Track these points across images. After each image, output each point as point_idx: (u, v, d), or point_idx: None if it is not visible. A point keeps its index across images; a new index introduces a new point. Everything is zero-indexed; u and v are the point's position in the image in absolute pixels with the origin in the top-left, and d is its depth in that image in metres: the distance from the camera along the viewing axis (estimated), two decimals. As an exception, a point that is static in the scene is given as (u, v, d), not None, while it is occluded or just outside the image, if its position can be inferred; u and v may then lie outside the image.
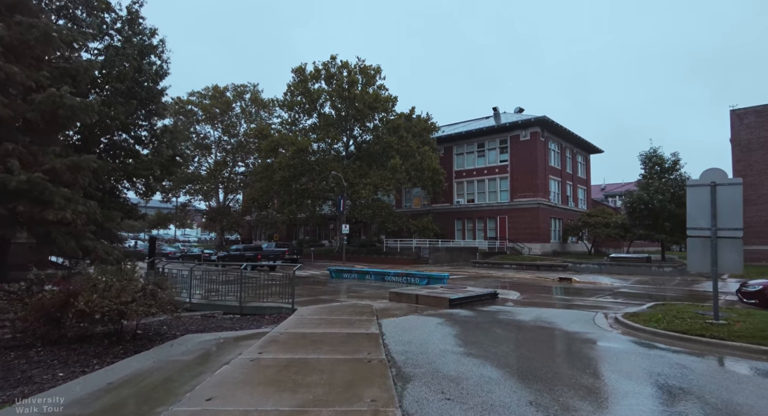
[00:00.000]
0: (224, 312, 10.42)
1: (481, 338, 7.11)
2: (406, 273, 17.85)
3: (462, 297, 10.98)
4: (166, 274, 12.76)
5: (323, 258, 37.34)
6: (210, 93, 51.31)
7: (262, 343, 6.48)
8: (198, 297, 11.38)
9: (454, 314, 9.70)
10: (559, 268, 26.20)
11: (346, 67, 37.36)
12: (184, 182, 50.19)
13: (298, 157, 35.68)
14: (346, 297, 12.92)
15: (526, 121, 40.88)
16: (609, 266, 24.45)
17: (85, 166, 10.81)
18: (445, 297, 10.72)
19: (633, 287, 18.01)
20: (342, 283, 18.25)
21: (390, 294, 11.95)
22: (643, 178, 32.14)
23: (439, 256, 33.15)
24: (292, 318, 8.85)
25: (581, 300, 13.33)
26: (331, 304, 11.01)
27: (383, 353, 5.89)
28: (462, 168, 45.40)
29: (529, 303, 12.23)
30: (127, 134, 16.72)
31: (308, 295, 13.29)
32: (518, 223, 40.93)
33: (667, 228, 29.29)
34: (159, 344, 6.93)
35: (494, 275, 23.77)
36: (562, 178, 45.40)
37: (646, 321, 8.03)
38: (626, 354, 6.18)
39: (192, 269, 11.53)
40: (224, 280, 12.60)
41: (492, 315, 9.62)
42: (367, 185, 33.83)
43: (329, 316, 9.02)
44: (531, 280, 21.39)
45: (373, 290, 15.32)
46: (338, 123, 38.11)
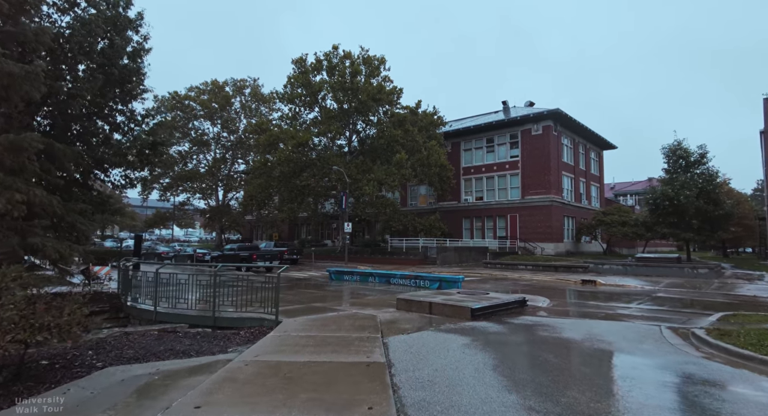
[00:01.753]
0: (191, 324, 8.45)
1: (533, 373, 5.06)
2: (414, 275, 15.79)
3: (486, 306, 8.95)
4: (140, 278, 10.75)
5: (325, 259, 35.35)
6: (209, 88, 49.49)
7: (211, 385, 4.48)
8: (165, 306, 9.37)
9: (480, 329, 7.69)
10: (580, 269, 24.08)
11: (348, 58, 35.34)
12: (182, 180, 48.41)
13: (298, 151, 33.71)
14: (346, 305, 10.89)
15: (538, 114, 38.72)
16: (634, 267, 22.31)
17: (27, 146, 8.86)
18: (466, 307, 8.70)
19: (670, 291, 15.88)
20: (342, 287, 16.23)
21: (398, 302, 9.94)
22: (666, 172, 29.97)
23: (448, 256, 31.09)
24: (272, 335, 6.86)
25: (623, 309, 11.27)
26: (325, 315, 9.01)
27: (393, 406, 3.86)
28: (470, 164, 43.28)
29: (565, 313, 10.19)
30: (102, 120, 14.82)
31: (300, 302, 11.29)
32: (530, 222, 38.77)
33: (695, 227, 27.10)
34: (47, 389, 4.73)
35: (510, 277, 21.71)
36: (575, 175, 43.20)
37: (754, 346, 5.91)
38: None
39: (158, 271, 9.50)
40: (206, 283, 10.58)
41: (530, 332, 7.59)
42: (370, 181, 31.78)
43: (320, 333, 7.03)
44: (552, 283, 19.32)
45: (377, 295, 13.29)
46: (341, 116, 36.04)
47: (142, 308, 9.75)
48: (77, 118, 14.04)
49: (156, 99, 48.12)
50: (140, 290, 10.15)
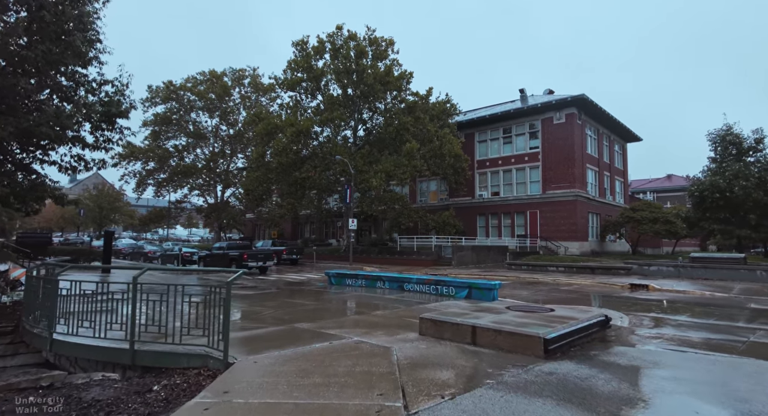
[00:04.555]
0: (101, 361, 5.29)
1: None
2: (435, 279, 12.46)
3: (563, 333, 5.70)
4: (49, 288, 7.51)
5: (328, 259, 32.20)
6: (206, 78, 46.55)
7: None
8: (63, 332, 6.07)
9: (573, 380, 4.48)
10: (621, 271, 20.75)
11: (353, 39, 32.11)
12: (179, 175, 45.49)
13: (297, 141, 30.53)
14: (345, 326, 7.65)
15: (561, 100, 35.27)
16: (689, 269, 18.90)
17: None
18: (534, 335, 5.46)
19: (762, 301, 12.48)
20: (344, 294, 13.00)
21: (422, 322, 6.71)
22: (713, 161, 26.54)
23: (464, 257, 27.80)
24: (200, 405, 3.67)
25: (745, 331, 7.98)
26: (311, 347, 5.78)
27: None
28: (485, 157, 39.91)
29: (672, 340, 6.92)
30: (29, 77, 11.66)
31: (280, 320, 8.06)
32: (552, 219, 35.35)
33: (752, 222, 23.60)
34: None
35: (542, 280, 18.40)
36: (600, 168, 39.69)
37: None
38: None
39: (54, 277, 6.30)
40: (151, 289, 7.37)
41: (651, 382, 4.36)
42: (378, 173, 28.52)
43: (291, 396, 3.84)
44: (597, 288, 16.00)
45: (388, 308, 10.03)
46: (345, 103, 32.79)
47: (36, 332, 6.62)
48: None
49: (150, 90, 45.47)
50: (43, 307, 6.93)
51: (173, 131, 47.26)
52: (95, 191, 70.51)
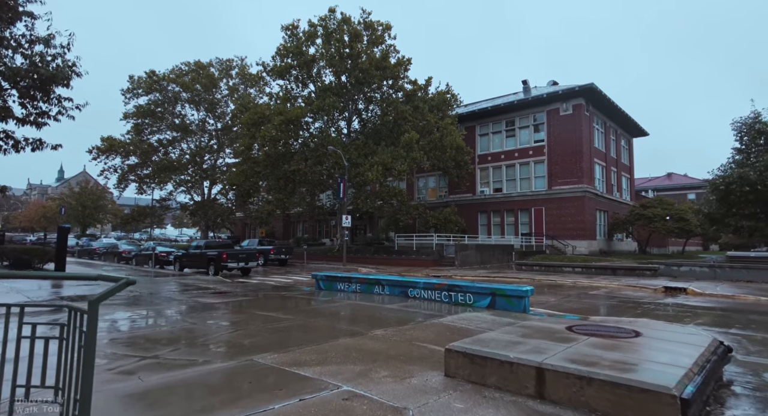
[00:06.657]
0: None
1: None
2: (447, 284, 9.96)
3: (701, 382, 3.34)
4: None
5: (320, 259, 29.75)
6: (192, 69, 43.87)
7: None
8: None
9: None
10: (647, 272, 18.55)
11: (347, 23, 29.67)
12: (163, 171, 42.81)
13: (286, 130, 28.04)
14: (330, 359, 5.02)
15: (568, 90, 33.08)
16: (728, 270, 16.69)
17: None
18: (659, 391, 3.09)
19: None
20: (333, 304, 10.54)
21: (449, 358, 4.30)
22: (738, 152, 24.34)
23: (468, 256, 25.47)
24: None
25: None
26: (264, 413, 3.39)
27: None
28: (487, 151, 37.63)
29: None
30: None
31: (232, 351, 5.44)
32: (558, 216, 33.15)
33: (787, 219, 21.50)
34: None
35: (560, 283, 16.11)
36: (607, 163, 37.59)
37: None
38: None
39: None
40: None
41: None
42: (374, 165, 26.09)
43: None
44: (629, 292, 13.73)
45: (392, 325, 7.49)
46: (339, 92, 30.33)
47: None
48: None
49: (131, 80, 42.76)
50: None
51: (157, 124, 44.58)
52: (77, 188, 67.51)
